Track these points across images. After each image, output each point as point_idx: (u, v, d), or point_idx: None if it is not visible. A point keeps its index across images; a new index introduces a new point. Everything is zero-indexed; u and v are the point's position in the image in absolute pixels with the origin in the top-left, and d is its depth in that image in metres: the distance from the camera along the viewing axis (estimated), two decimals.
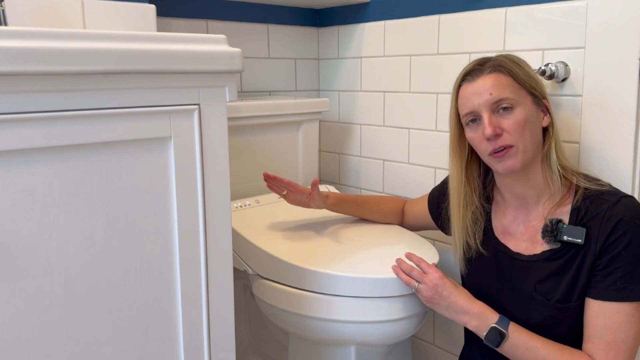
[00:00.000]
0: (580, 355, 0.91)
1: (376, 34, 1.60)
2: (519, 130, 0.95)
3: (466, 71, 1.00)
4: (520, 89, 0.97)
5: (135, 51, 0.69)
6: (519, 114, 0.95)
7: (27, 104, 0.64)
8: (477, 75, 0.98)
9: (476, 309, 0.99)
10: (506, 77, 0.96)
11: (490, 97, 0.95)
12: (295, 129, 1.57)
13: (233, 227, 1.23)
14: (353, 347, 1.13)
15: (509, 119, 0.95)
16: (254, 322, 1.48)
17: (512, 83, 0.96)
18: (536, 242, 1.01)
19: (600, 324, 0.91)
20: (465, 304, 0.99)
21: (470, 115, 0.98)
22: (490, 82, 0.96)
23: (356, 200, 1.32)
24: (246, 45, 1.63)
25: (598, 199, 0.95)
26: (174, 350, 0.81)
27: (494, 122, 0.95)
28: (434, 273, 1.02)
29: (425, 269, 1.04)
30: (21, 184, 0.66)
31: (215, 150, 0.80)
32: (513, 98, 0.95)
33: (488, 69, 0.97)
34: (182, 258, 0.79)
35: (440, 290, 1.01)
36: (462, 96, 1.00)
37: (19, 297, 0.67)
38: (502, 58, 0.99)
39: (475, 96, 0.97)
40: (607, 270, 0.91)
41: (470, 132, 1.00)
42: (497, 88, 0.95)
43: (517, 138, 0.95)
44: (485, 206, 1.09)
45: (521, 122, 0.95)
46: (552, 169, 0.98)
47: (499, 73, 0.96)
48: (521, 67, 0.98)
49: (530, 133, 0.96)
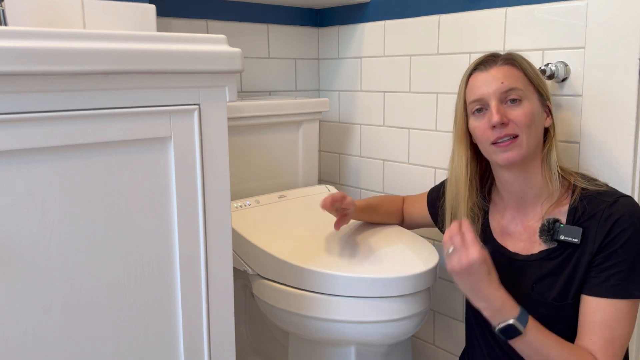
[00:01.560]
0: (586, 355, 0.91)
1: (376, 34, 1.60)
2: (526, 122, 0.96)
3: (479, 61, 1.02)
4: (529, 84, 0.99)
5: (135, 51, 0.69)
6: (527, 107, 0.97)
7: (27, 104, 0.64)
8: (491, 65, 0.99)
9: (498, 302, 0.91)
10: (518, 70, 0.99)
11: (502, 85, 0.97)
12: (295, 129, 1.57)
13: (233, 227, 1.23)
14: (353, 347, 1.13)
15: (516, 110, 0.96)
16: (254, 322, 1.48)
17: (522, 77, 0.98)
18: (534, 242, 1.01)
19: (597, 320, 0.91)
20: (489, 294, 0.92)
21: (478, 103, 0.99)
22: (502, 72, 0.98)
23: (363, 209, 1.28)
24: (246, 45, 1.63)
25: (595, 199, 0.95)
26: (174, 350, 0.81)
27: (501, 111, 0.96)
28: (474, 252, 0.91)
29: (469, 241, 0.93)
30: (21, 184, 0.66)
31: (215, 150, 0.80)
32: (523, 90, 0.97)
33: (501, 61, 0.99)
34: (182, 258, 0.79)
35: (472, 271, 0.91)
36: (471, 84, 1.01)
37: (19, 297, 0.67)
38: (514, 54, 1.01)
39: (486, 84, 0.98)
40: (603, 266, 0.91)
41: (475, 121, 1.01)
42: (509, 78, 0.97)
43: (523, 130, 0.96)
44: (483, 204, 1.09)
45: (529, 114, 0.96)
46: (552, 169, 0.99)
47: (512, 66, 0.99)
48: (531, 65, 1.01)
49: (535, 129, 0.98)
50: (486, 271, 0.92)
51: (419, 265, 1.06)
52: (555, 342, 0.92)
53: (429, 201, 1.25)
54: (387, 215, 1.31)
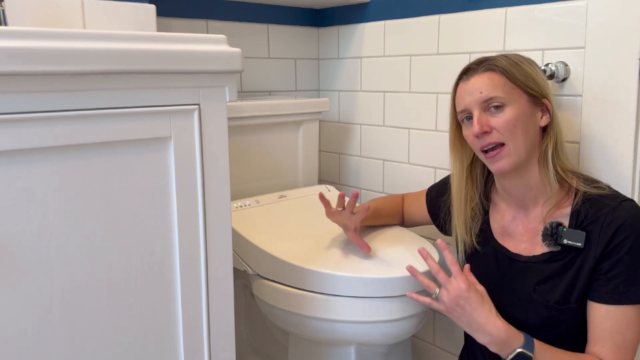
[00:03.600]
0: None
1: (376, 34, 1.60)
2: (508, 128, 0.95)
3: (463, 70, 1.03)
4: (514, 88, 0.97)
5: (135, 51, 0.69)
6: (510, 112, 0.96)
7: (27, 104, 0.64)
8: (472, 74, 0.99)
9: (501, 334, 0.91)
10: (499, 76, 0.97)
11: (480, 95, 0.97)
12: (295, 129, 1.57)
13: (233, 227, 1.23)
14: (353, 347, 1.13)
15: (498, 118, 0.96)
16: (254, 322, 1.48)
17: (505, 82, 0.97)
18: (535, 243, 1.01)
19: (608, 327, 0.91)
20: (489, 326, 0.92)
21: (464, 113, 1.00)
22: (481, 81, 0.97)
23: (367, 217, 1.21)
24: (246, 45, 1.63)
25: (598, 203, 0.95)
26: (174, 350, 0.81)
27: (482, 120, 0.96)
28: (460, 282, 0.94)
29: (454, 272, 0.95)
30: (21, 184, 0.66)
31: (215, 150, 0.80)
32: (503, 97, 0.96)
33: (482, 68, 0.99)
34: (182, 258, 0.79)
35: (463, 303, 0.93)
36: (458, 94, 1.02)
37: (19, 297, 0.67)
38: (499, 57, 0.99)
39: (468, 95, 0.99)
40: (610, 274, 0.91)
41: (465, 129, 1.02)
42: (488, 87, 0.96)
43: (508, 137, 0.96)
44: (485, 204, 1.09)
45: (511, 120, 0.95)
46: (549, 170, 0.98)
47: (492, 72, 0.98)
48: (518, 66, 0.98)
49: (523, 132, 0.96)
50: (479, 300, 0.93)
51: (419, 266, 1.06)
52: (564, 356, 0.93)
53: (428, 200, 1.25)
54: (389, 217, 1.31)
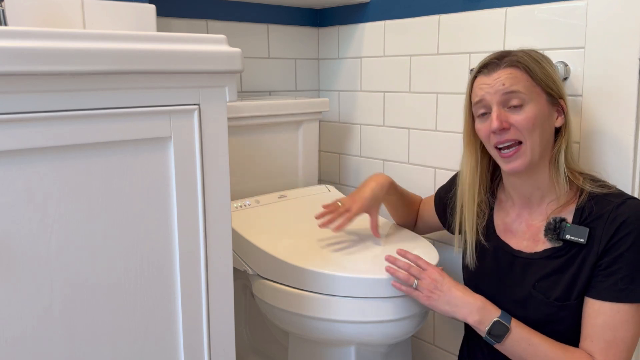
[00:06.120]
0: (580, 354, 0.91)
1: (376, 34, 1.60)
2: (528, 127, 0.95)
3: (483, 63, 1.00)
4: (535, 86, 0.96)
5: (135, 51, 0.69)
6: (530, 111, 0.95)
7: (27, 104, 0.64)
8: (494, 69, 0.98)
9: (478, 302, 0.99)
10: (522, 73, 0.96)
11: (503, 87, 0.95)
12: (295, 129, 1.57)
13: (233, 227, 1.23)
14: (353, 347, 1.13)
15: (518, 115, 0.95)
16: (254, 322, 1.48)
17: (527, 79, 0.96)
18: (538, 240, 1.01)
19: (600, 323, 0.91)
20: (466, 297, 0.99)
21: (481, 104, 0.99)
22: (504, 75, 0.96)
23: (395, 190, 1.26)
24: (246, 45, 1.63)
25: (603, 200, 0.95)
26: (174, 350, 0.81)
27: (502, 116, 0.95)
28: (432, 269, 1.04)
29: (423, 265, 1.05)
30: (21, 184, 0.66)
31: (215, 150, 0.80)
32: (525, 94, 0.95)
33: (505, 64, 0.97)
34: (182, 258, 0.79)
35: (440, 285, 1.01)
36: (476, 86, 1.01)
37: (19, 297, 0.67)
38: (521, 54, 0.98)
39: (488, 87, 0.97)
40: (609, 270, 0.91)
41: (479, 123, 1.01)
42: (510, 80, 0.95)
43: (526, 135, 0.95)
44: (490, 200, 1.09)
45: (531, 118, 0.95)
46: (559, 172, 0.98)
47: (515, 68, 0.96)
48: (540, 65, 0.98)
49: (540, 132, 0.96)
50: (452, 281, 1.03)
51: None
52: (543, 339, 0.94)
53: (436, 200, 1.25)
54: (408, 206, 1.31)
